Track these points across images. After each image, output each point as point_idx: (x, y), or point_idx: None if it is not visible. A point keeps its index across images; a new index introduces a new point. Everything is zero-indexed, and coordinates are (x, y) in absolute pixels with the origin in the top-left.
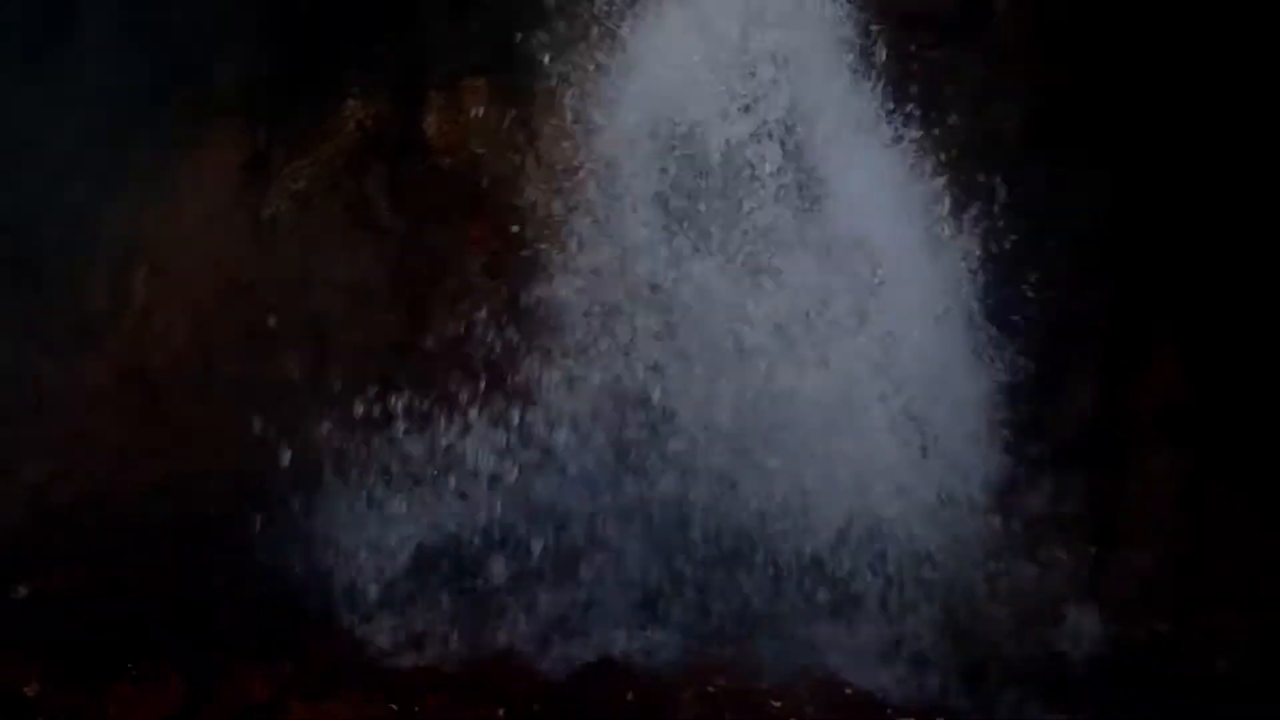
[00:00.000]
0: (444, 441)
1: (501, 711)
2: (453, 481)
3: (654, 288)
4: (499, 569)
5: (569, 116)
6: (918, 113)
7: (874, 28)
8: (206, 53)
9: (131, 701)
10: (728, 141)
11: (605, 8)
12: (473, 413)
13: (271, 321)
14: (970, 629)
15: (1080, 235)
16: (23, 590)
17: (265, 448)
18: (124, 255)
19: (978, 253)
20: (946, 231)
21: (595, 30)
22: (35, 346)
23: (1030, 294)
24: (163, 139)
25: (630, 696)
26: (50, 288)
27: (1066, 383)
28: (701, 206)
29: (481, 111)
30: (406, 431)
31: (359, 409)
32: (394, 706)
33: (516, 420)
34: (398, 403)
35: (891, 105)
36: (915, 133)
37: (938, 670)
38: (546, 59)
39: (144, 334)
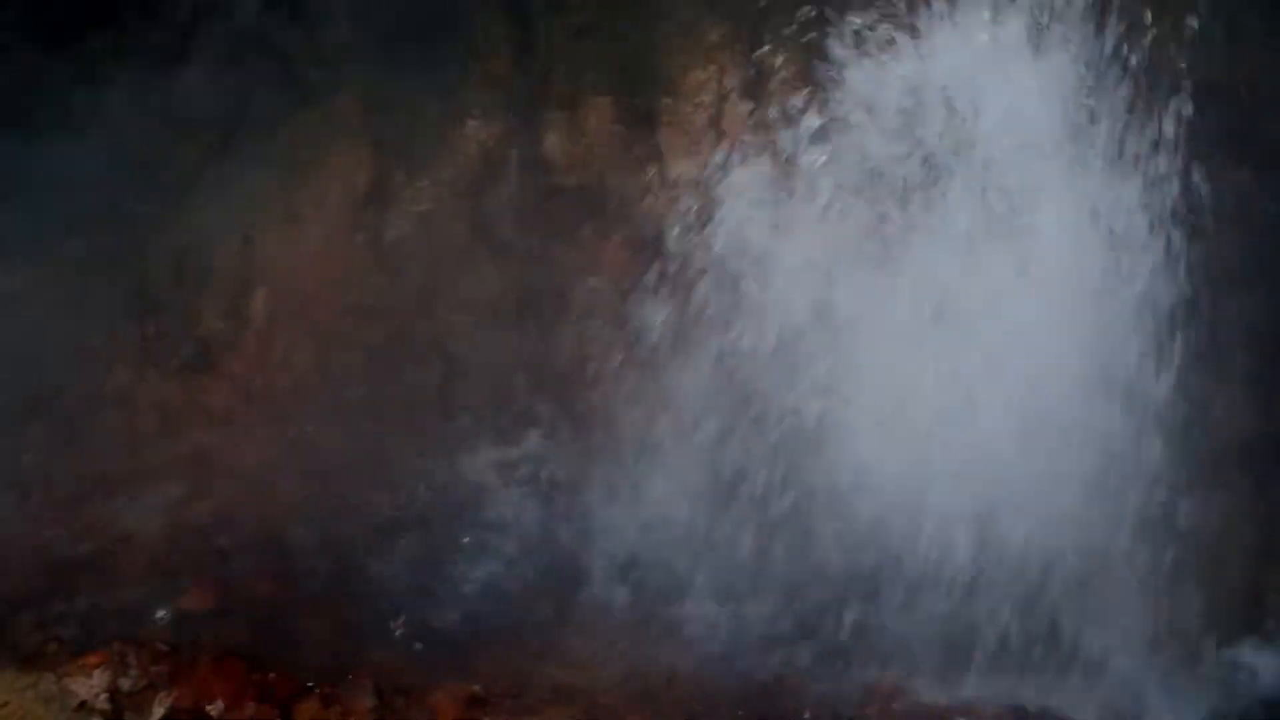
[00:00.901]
0: (574, 459)
1: None
2: (584, 498)
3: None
4: (652, 584)
5: (694, 135)
6: None
7: None
8: (326, 75)
9: (320, 719)
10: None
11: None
12: (603, 431)
13: (397, 343)
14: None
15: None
16: (163, 612)
17: (397, 469)
18: (243, 278)
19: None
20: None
21: (720, 51)
22: (156, 370)
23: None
24: (282, 162)
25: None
26: (169, 311)
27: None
28: None
29: (605, 131)
30: (537, 450)
31: (489, 428)
32: None
33: (649, 438)
34: (527, 422)
35: None
36: None
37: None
38: (671, 79)
39: (266, 356)
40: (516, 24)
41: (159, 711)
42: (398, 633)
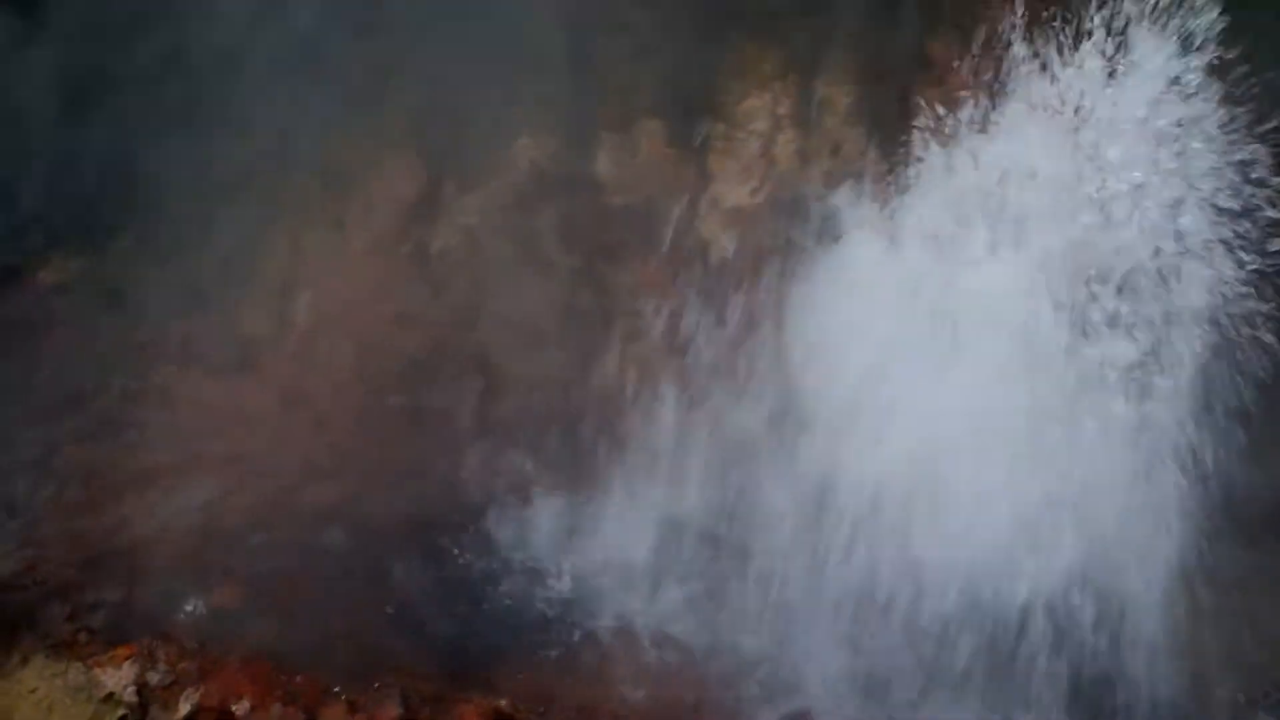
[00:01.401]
0: (616, 482)
1: None
2: (616, 517)
3: None
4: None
5: (745, 162)
6: None
7: None
8: (378, 86)
9: None
10: None
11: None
12: (641, 452)
13: (437, 354)
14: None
15: None
16: (192, 605)
17: (433, 477)
18: (287, 283)
19: None
20: None
21: (775, 80)
22: (198, 369)
23: None
24: (331, 169)
25: None
26: (212, 312)
27: None
28: None
29: (656, 153)
30: (575, 468)
31: (526, 445)
32: None
33: (690, 461)
34: (566, 440)
35: None
36: None
37: None
38: (724, 105)
39: (307, 361)
40: (572, 43)
41: (185, 708)
42: (422, 641)
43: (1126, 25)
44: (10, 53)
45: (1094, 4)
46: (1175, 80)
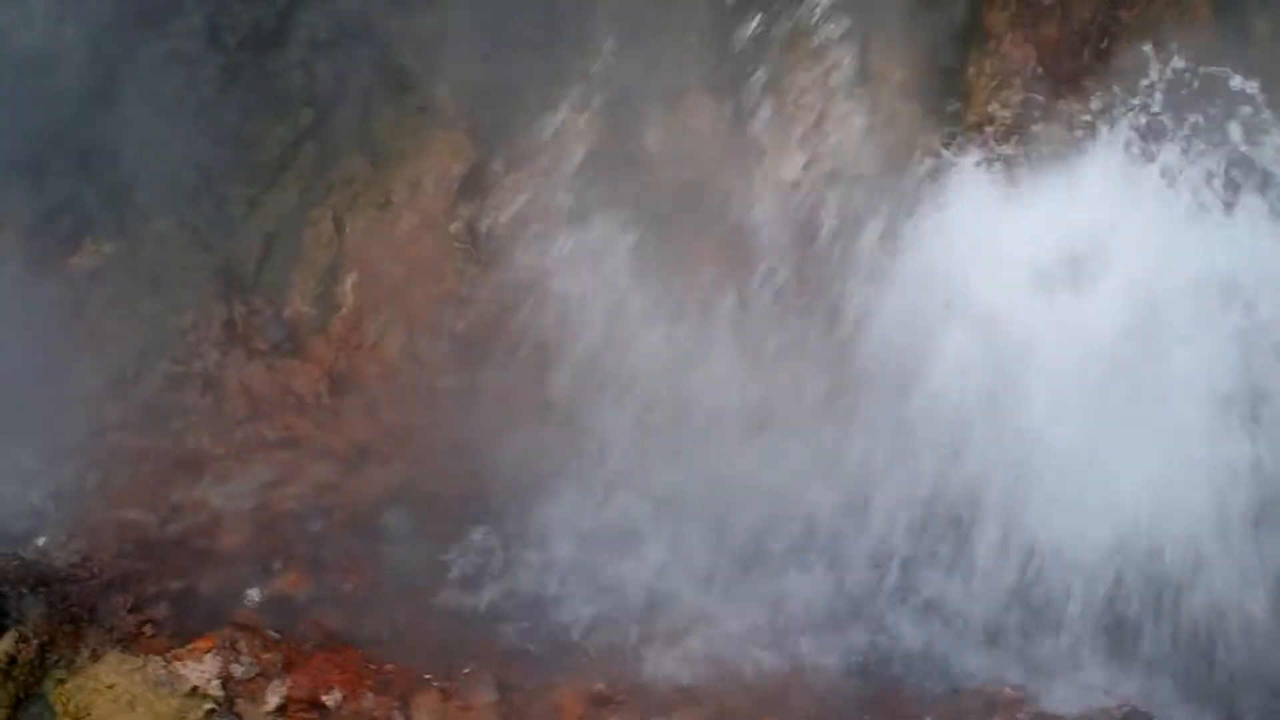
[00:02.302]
0: (677, 455)
1: None
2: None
3: None
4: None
5: (799, 135)
6: None
7: None
8: (424, 62)
9: (440, 712)
10: None
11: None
12: (705, 426)
13: (491, 333)
14: None
15: None
16: (255, 594)
17: (492, 458)
18: (333, 263)
19: None
20: None
21: (828, 51)
22: (242, 353)
23: None
24: (377, 147)
25: None
26: (256, 294)
27: None
28: None
29: (706, 128)
30: (634, 443)
31: (585, 421)
32: None
33: (751, 433)
34: (622, 414)
35: None
36: None
37: None
38: (776, 78)
39: (355, 342)
40: (621, 18)
41: (274, 700)
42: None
43: None
44: (44, 33)
45: None
46: None
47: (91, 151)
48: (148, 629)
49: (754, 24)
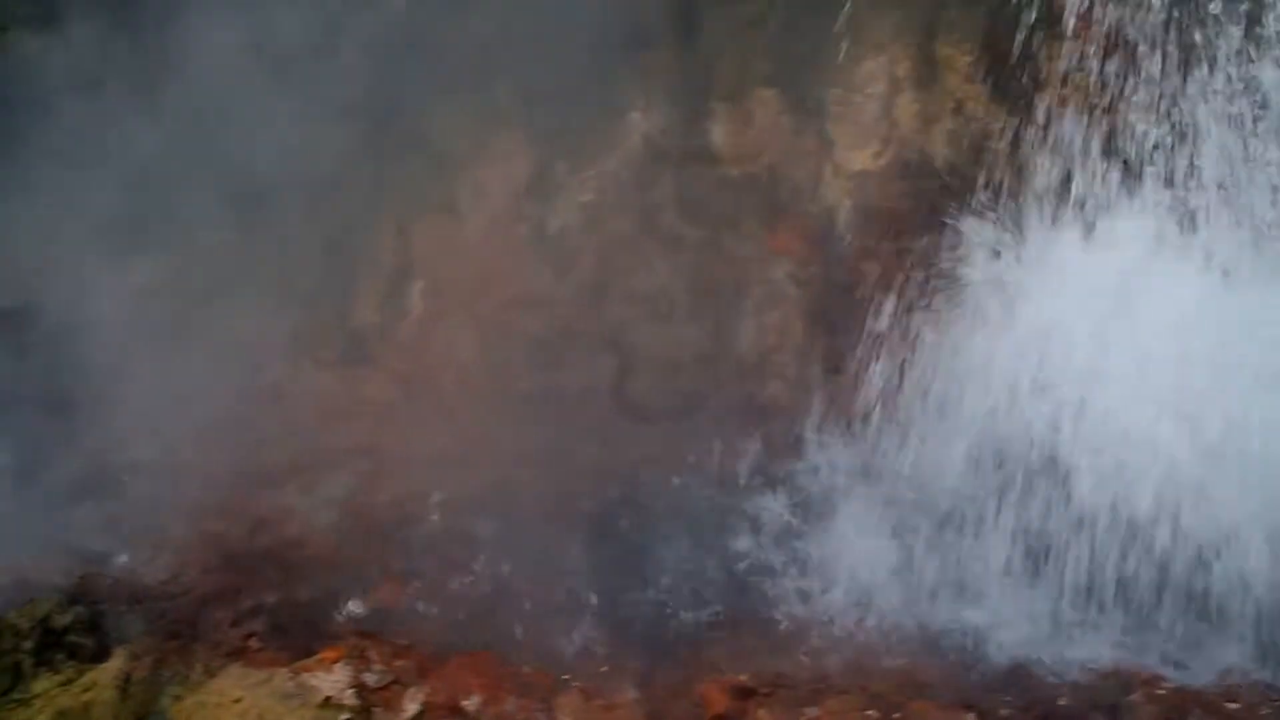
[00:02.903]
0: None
1: (973, 716)
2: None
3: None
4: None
5: (865, 126)
6: None
7: None
8: (483, 63)
9: (583, 712)
10: None
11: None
12: (787, 425)
13: (566, 336)
14: None
15: None
16: (357, 605)
17: (575, 461)
18: (399, 269)
19: None
20: None
21: (893, 41)
22: (310, 363)
23: None
24: (438, 151)
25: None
26: (321, 301)
27: None
28: None
29: (772, 122)
30: (725, 449)
31: (667, 424)
32: (873, 713)
33: (835, 431)
34: (706, 418)
35: None
36: None
37: None
38: (840, 69)
39: (427, 349)
40: (682, 14)
41: (412, 707)
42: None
43: None
44: (97, 39)
45: None
46: None
47: (147, 162)
48: (253, 642)
49: (817, 14)
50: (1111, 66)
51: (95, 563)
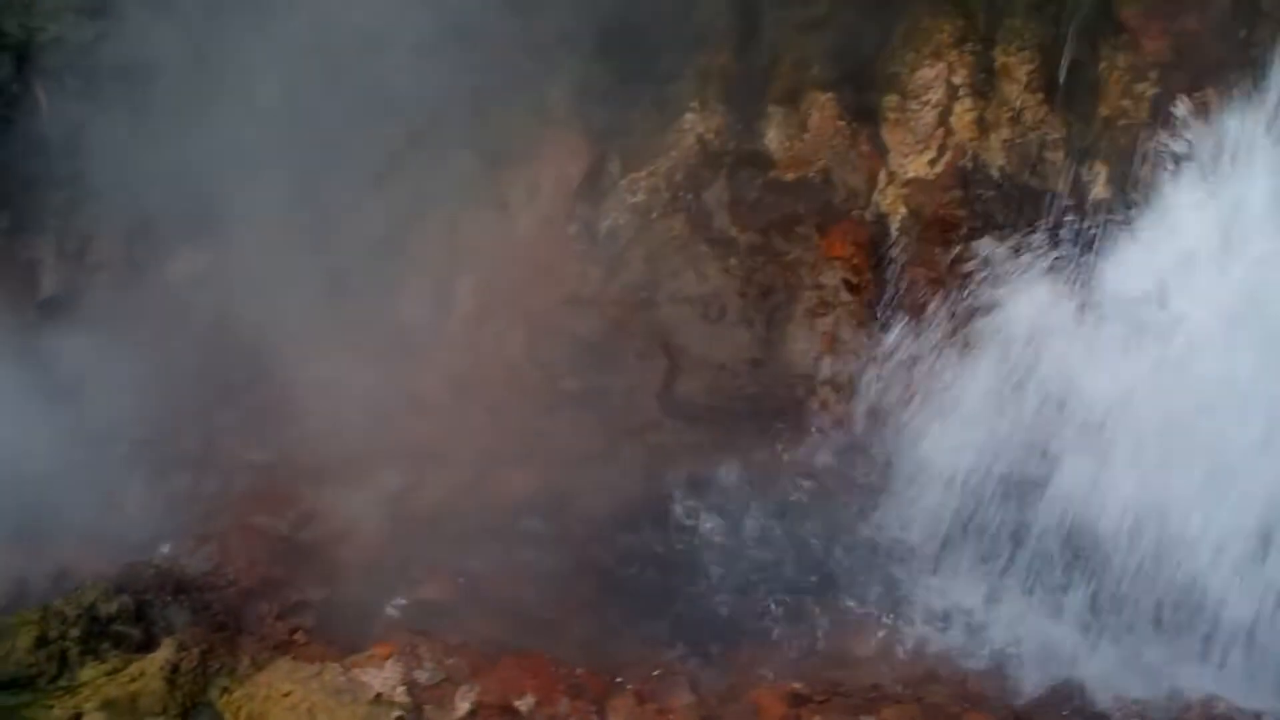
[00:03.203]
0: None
1: None
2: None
3: None
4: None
5: (921, 133)
6: None
7: None
8: (539, 63)
9: (636, 716)
10: None
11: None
12: (843, 428)
13: (616, 335)
14: None
15: None
16: (400, 601)
17: (623, 461)
18: (447, 266)
19: None
20: None
21: (951, 49)
22: (356, 358)
23: None
24: (490, 149)
25: None
26: (365, 297)
27: None
28: None
29: (827, 127)
30: (778, 449)
31: (718, 424)
32: None
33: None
34: (759, 419)
35: None
36: None
37: None
38: (897, 76)
39: (474, 346)
40: (741, 16)
41: (464, 706)
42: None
43: None
44: (139, 36)
45: None
46: None
47: (189, 156)
48: (300, 636)
49: (876, 19)
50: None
51: (137, 551)
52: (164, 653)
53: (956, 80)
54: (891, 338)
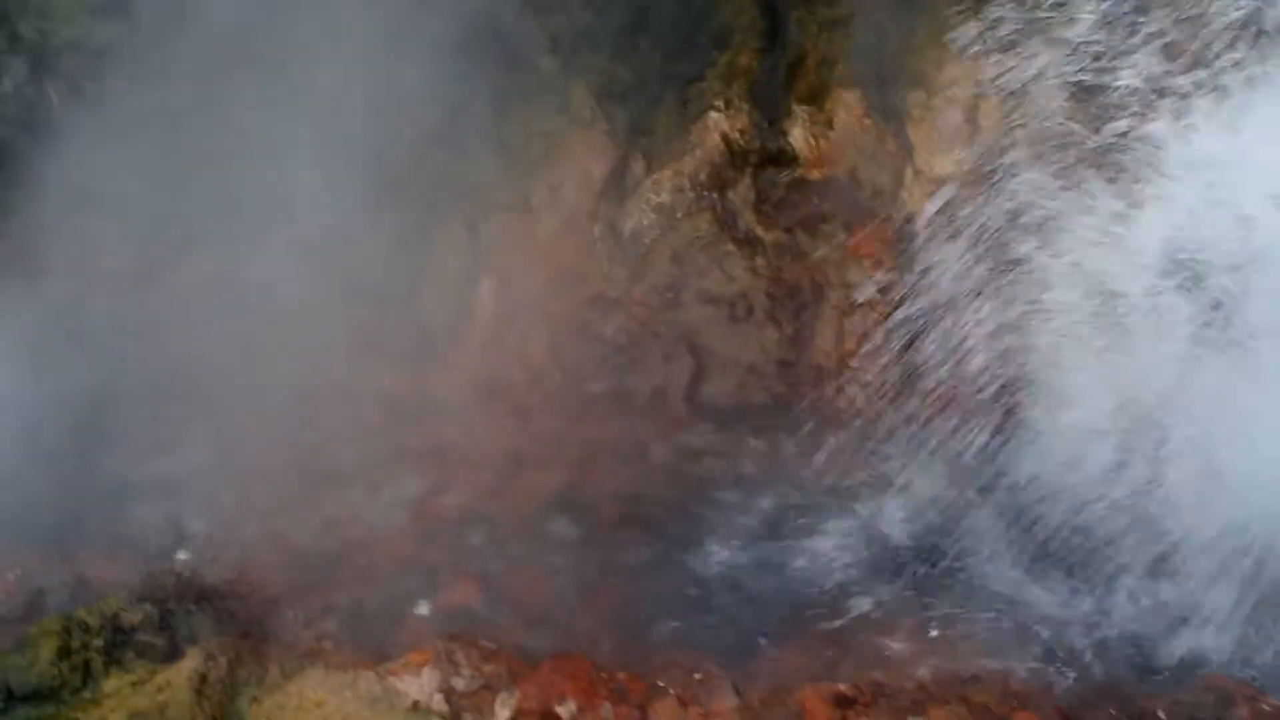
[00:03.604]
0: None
1: None
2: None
3: None
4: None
5: (948, 132)
6: None
7: None
8: (560, 62)
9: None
10: None
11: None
12: (865, 431)
13: (641, 337)
14: None
15: None
16: (425, 607)
17: (650, 464)
18: (467, 268)
19: None
20: None
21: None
22: (376, 361)
23: None
24: (511, 150)
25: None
26: (384, 301)
27: None
28: None
29: (853, 125)
30: (809, 450)
31: (745, 426)
32: None
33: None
34: (784, 421)
35: None
36: None
37: None
38: (924, 74)
39: (496, 349)
40: (765, 14)
41: (504, 713)
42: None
43: None
44: (155, 37)
45: None
46: None
47: (198, 158)
48: (327, 644)
49: (902, 17)
50: None
51: (155, 559)
52: (191, 662)
53: (983, 78)
54: (921, 338)
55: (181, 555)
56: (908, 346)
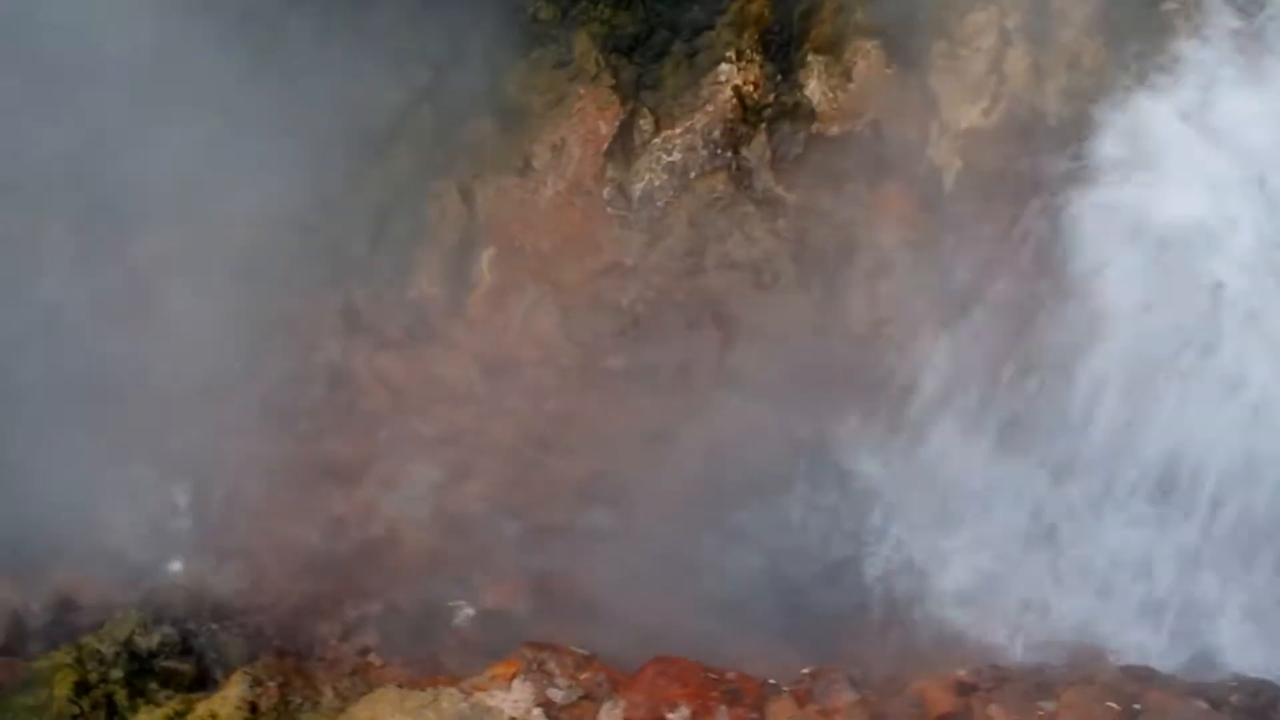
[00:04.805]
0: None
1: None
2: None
3: None
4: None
5: (973, 82)
6: None
7: None
8: (560, 11)
9: (800, 719)
10: None
11: None
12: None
13: (662, 306)
14: None
15: None
16: (469, 610)
17: (683, 442)
18: (463, 237)
19: None
20: None
21: None
22: (368, 342)
23: None
24: (508, 107)
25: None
26: (373, 275)
27: None
28: None
29: (874, 76)
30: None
31: (782, 398)
32: (1114, 705)
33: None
34: (823, 392)
35: None
36: None
37: None
38: (946, 21)
39: (502, 323)
40: None
41: None
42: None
43: None
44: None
45: None
46: None
47: (151, 123)
48: (374, 659)
49: None
50: None
51: (143, 571)
52: (236, 690)
53: (1009, 24)
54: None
55: (175, 566)
56: None
